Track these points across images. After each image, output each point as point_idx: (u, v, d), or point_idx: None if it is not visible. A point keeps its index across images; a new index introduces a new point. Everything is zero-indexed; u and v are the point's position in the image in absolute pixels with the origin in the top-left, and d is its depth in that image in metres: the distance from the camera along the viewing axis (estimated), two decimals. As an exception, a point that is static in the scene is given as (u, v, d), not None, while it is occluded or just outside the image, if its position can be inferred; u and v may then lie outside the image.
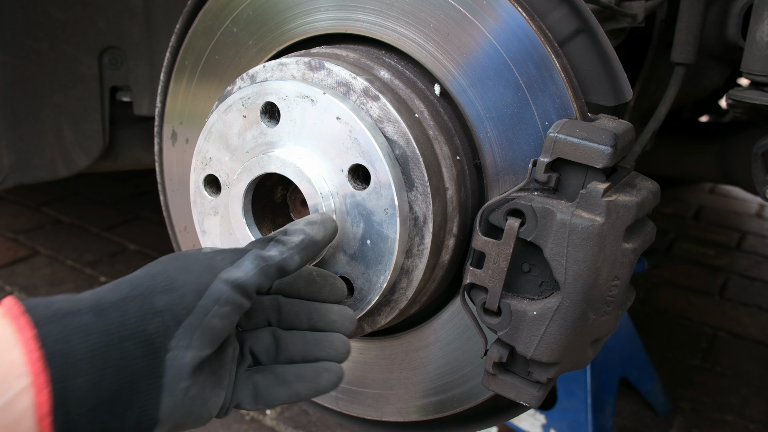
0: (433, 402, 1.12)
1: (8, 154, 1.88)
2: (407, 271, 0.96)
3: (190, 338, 0.77)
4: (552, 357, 0.88)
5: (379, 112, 0.93)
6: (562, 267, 0.85)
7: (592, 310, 0.87)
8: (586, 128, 0.86)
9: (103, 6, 1.90)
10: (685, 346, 2.79)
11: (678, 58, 1.39)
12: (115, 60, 1.98)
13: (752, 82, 1.26)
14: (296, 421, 2.33)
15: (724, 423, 2.38)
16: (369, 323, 1.02)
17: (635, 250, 0.88)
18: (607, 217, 0.83)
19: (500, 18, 0.93)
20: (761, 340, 2.86)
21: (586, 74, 0.95)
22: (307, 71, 0.97)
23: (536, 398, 0.93)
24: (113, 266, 3.23)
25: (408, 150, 0.92)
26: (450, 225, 0.97)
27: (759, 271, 3.43)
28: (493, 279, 0.90)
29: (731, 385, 2.57)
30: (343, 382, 1.20)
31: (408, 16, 0.98)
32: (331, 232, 0.88)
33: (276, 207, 1.06)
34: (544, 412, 2.11)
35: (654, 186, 0.94)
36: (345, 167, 0.92)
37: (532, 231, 0.87)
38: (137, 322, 0.76)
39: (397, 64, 1.01)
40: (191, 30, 1.18)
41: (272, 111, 0.96)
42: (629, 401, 2.42)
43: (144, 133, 2.15)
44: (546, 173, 0.87)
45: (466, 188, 1.00)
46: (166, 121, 1.27)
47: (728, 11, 1.49)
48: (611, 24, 1.31)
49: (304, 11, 1.06)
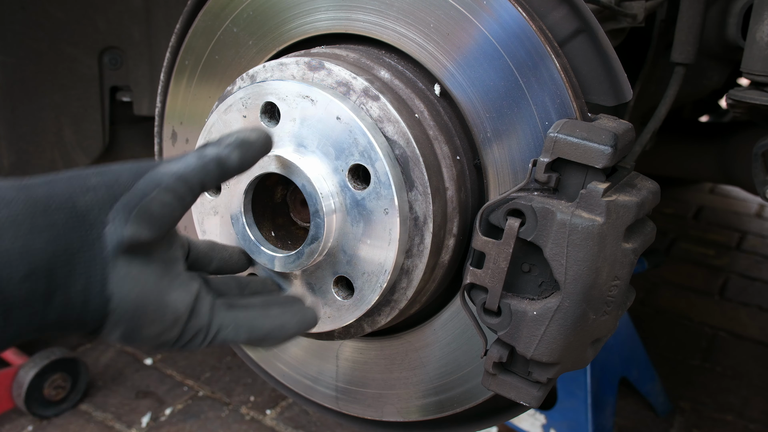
0: (433, 402, 1.12)
1: (8, 154, 1.88)
2: (407, 271, 0.96)
3: (127, 216, 0.73)
4: (552, 357, 0.88)
5: (379, 112, 0.93)
6: (562, 267, 0.85)
7: (592, 310, 0.87)
8: (586, 128, 0.86)
9: (103, 6, 1.90)
10: (685, 346, 2.79)
11: (678, 58, 1.39)
12: (115, 60, 1.98)
13: (752, 82, 1.26)
14: (296, 421, 2.33)
15: (724, 423, 2.38)
16: (369, 323, 1.02)
17: (635, 250, 0.88)
18: (607, 217, 0.83)
19: (500, 18, 0.93)
20: (761, 340, 2.86)
21: (586, 74, 0.95)
22: (307, 71, 0.97)
23: (536, 398, 0.93)
24: (113, 266, 3.23)
25: (408, 150, 0.92)
26: (450, 225, 0.97)
27: (759, 271, 3.43)
28: (493, 279, 0.90)
29: (731, 385, 2.57)
30: (343, 382, 1.21)
31: (408, 16, 0.98)
32: (264, 137, 0.83)
33: (276, 207, 1.06)
34: (544, 412, 2.11)
35: (654, 186, 0.94)
36: (345, 167, 0.92)
37: (532, 231, 0.87)
38: (66, 197, 0.71)
39: (397, 64, 1.01)
40: (191, 30, 1.18)
41: (272, 111, 0.96)
42: (629, 401, 2.42)
43: (144, 133, 2.16)
44: (546, 173, 0.87)
45: (466, 188, 1.00)
46: (166, 121, 1.27)
47: (728, 11, 1.49)
48: (611, 24, 1.31)
49: (304, 11, 1.06)
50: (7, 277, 0.66)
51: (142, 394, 2.44)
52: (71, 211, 0.71)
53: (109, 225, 0.72)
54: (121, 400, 2.40)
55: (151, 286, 0.75)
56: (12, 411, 2.31)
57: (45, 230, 0.69)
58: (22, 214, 0.69)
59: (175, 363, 2.61)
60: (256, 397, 2.43)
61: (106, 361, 2.60)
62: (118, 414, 2.33)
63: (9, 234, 0.67)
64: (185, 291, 0.79)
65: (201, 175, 0.78)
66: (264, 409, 2.38)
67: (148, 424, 2.29)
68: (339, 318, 0.98)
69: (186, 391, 2.46)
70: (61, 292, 0.70)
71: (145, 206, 0.74)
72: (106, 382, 2.49)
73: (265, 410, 2.37)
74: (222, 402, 2.41)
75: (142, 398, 2.42)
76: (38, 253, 0.68)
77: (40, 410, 2.27)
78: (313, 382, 1.24)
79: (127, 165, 0.77)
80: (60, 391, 2.30)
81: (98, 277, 0.72)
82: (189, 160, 0.78)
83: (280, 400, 2.42)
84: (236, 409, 2.38)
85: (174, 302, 0.77)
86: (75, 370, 2.35)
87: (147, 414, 2.33)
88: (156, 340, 0.77)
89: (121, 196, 0.74)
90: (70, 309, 0.71)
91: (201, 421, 2.31)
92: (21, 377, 2.23)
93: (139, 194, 0.74)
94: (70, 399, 2.34)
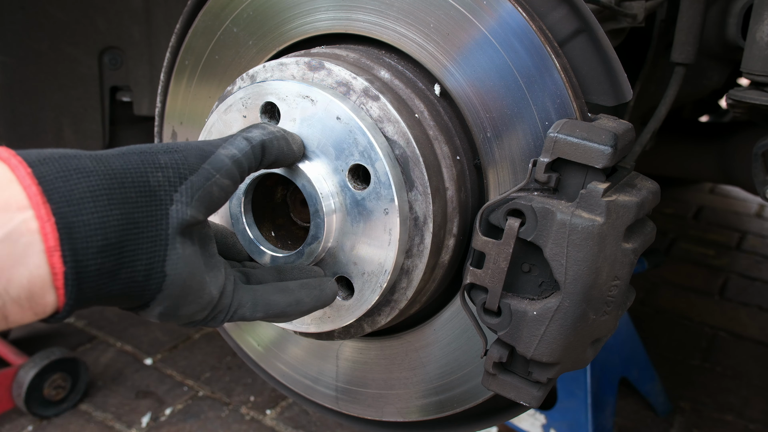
0: (433, 402, 1.12)
1: (8, 154, 1.88)
2: (407, 271, 0.96)
3: (191, 197, 0.75)
4: (552, 357, 0.88)
5: (379, 112, 0.93)
6: (562, 267, 0.85)
7: (592, 310, 0.87)
8: (586, 128, 0.86)
9: (103, 6, 1.90)
10: (685, 346, 2.79)
11: (678, 58, 1.39)
12: (115, 60, 1.98)
13: (752, 82, 1.26)
14: (296, 421, 2.33)
15: (724, 423, 2.38)
16: (369, 323, 1.02)
17: (635, 250, 0.88)
18: (607, 217, 0.83)
19: (500, 18, 0.93)
20: (761, 340, 2.86)
21: (586, 74, 0.95)
22: (307, 71, 0.97)
23: (536, 398, 0.93)
24: (113, 266, 3.23)
25: (408, 150, 0.92)
26: (450, 225, 0.97)
27: (759, 271, 3.43)
28: (493, 279, 0.90)
29: (731, 385, 2.57)
30: (343, 382, 1.21)
31: (408, 16, 0.98)
32: (299, 141, 0.90)
33: (276, 207, 1.06)
34: (544, 412, 2.11)
35: (654, 186, 0.94)
36: (345, 167, 0.92)
37: (532, 231, 0.87)
38: (139, 172, 0.73)
39: (397, 64, 1.01)
40: (191, 30, 1.18)
41: (272, 111, 0.96)
42: (629, 401, 2.42)
43: (144, 133, 2.16)
44: (546, 173, 0.87)
45: (466, 188, 1.00)
46: (166, 121, 1.27)
47: (728, 11, 1.49)
48: (611, 24, 1.31)
49: (304, 11, 1.06)
50: (85, 248, 0.67)
51: (142, 394, 2.44)
52: (144, 187, 0.73)
53: (174, 204, 0.74)
54: (121, 400, 2.40)
55: (199, 267, 0.77)
56: (12, 411, 2.31)
57: (120, 204, 0.70)
58: (101, 186, 0.69)
59: (175, 363, 2.61)
60: (256, 397, 2.43)
61: (106, 361, 2.60)
62: (118, 414, 2.33)
63: (89, 206, 0.67)
64: (219, 272, 0.81)
65: (251, 159, 0.82)
66: (264, 409, 2.38)
67: (148, 424, 2.29)
68: (339, 318, 0.98)
69: (186, 391, 2.46)
70: (127, 267, 0.71)
71: (208, 189, 0.77)
72: (106, 382, 2.49)
73: (265, 410, 2.37)
74: (222, 402, 2.41)
75: (142, 398, 2.42)
76: (113, 227, 0.69)
77: (40, 410, 2.27)
78: (313, 382, 1.25)
79: (193, 145, 0.79)
80: (60, 391, 2.30)
81: (160, 256, 0.73)
82: (240, 144, 0.81)
83: (280, 400, 2.42)
84: (236, 409, 2.38)
85: (210, 284, 0.79)
86: (75, 370, 2.35)
87: (147, 414, 2.33)
88: (189, 318, 0.79)
89: (188, 178, 0.76)
90: (133, 284, 0.72)
91: (201, 421, 2.31)
92: (21, 377, 2.23)
93: (204, 176, 0.77)
94: (70, 399, 2.34)
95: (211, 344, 2.73)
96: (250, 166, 0.82)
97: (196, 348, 2.71)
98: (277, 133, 0.87)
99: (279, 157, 0.87)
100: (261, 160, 0.84)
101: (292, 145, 0.89)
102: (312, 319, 1.01)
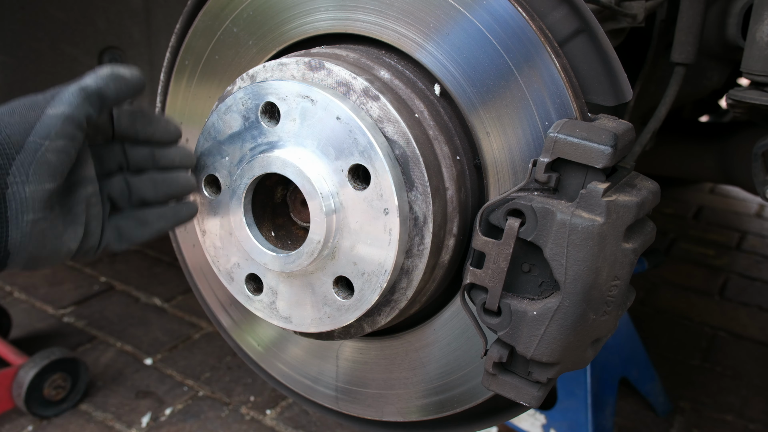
0: (433, 402, 1.12)
1: (8, 154, 1.88)
2: (407, 271, 0.96)
3: (26, 174, 0.79)
4: (552, 357, 0.88)
5: (379, 112, 0.93)
6: (562, 267, 0.85)
7: (592, 310, 0.87)
8: (586, 128, 0.86)
9: (103, 6, 1.90)
10: (685, 346, 2.79)
11: (678, 58, 1.39)
12: (115, 60, 1.98)
13: (752, 82, 1.26)
14: (296, 421, 2.33)
15: (724, 423, 2.38)
16: (369, 323, 1.02)
17: (635, 250, 0.88)
18: (607, 217, 0.83)
19: (500, 18, 0.93)
20: (761, 340, 2.86)
21: (586, 74, 0.95)
22: (307, 71, 0.97)
23: (536, 398, 0.93)
24: (113, 266, 3.23)
25: (408, 150, 0.92)
26: (450, 225, 0.97)
27: (759, 271, 3.43)
28: (493, 279, 0.90)
29: (731, 385, 2.57)
30: (343, 382, 1.21)
31: (408, 16, 0.98)
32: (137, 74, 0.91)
33: (276, 207, 1.06)
34: (544, 412, 2.11)
35: (654, 186, 0.94)
36: (345, 167, 0.92)
37: (532, 231, 0.87)
38: None
39: (397, 64, 1.01)
40: (191, 30, 1.18)
41: (272, 111, 0.97)
42: (629, 401, 2.42)
43: (144, 133, 2.15)
44: (546, 173, 0.87)
45: (466, 188, 1.00)
46: (166, 121, 1.26)
47: (728, 11, 1.49)
48: (611, 24, 1.31)
49: (304, 11, 1.06)
50: None
51: (142, 394, 2.44)
52: None
53: (10, 188, 0.78)
54: (121, 400, 2.40)
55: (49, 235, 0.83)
56: (12, 411, 2.31)
57: None
58: None
59: (175, 363, 2.61)
60: (256, 397, 2.43)
61: (106, 361, 2.60)
62: (118, 414, 2.33)
63: None
64: (79, 225, 0.87)
65: (86, 110, 0.84)
66: (264, 409, 2.38)
67: (148, 424, 2.29)
68: (339, 318, 0.98)
69: (186, 391, 2.46)
70: None
71: (41, 160, 0.80)
72: (106, 382, 2.49)
73: (265, 410, 2.37)
74: (222, 402, 2.41)
75: (142, 398, 2.42)
76: None
77: (40, 410, 2.27)
78: (313, 382, 1.25)
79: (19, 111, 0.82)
80: (60, 391, 2.30)
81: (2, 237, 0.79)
82: (72, 99, 0.83)
83: (280, 400, 2.42)
84: (236, 409, 2.38)
85: (68, 242, 0.86)
86: (75, 370, 2.34)
87: (147, 414, 2.33)
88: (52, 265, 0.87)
89: (15, 158, 0.79)
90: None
91: (201, 421, 2.31)
92: (21, 377, 2.23)
93: (32, 150, 0.80)
94: (70, 399, 2.34)
95: (211, 344, 2.73)
96: (88, 114, 0.84)
97: (196, 348, 2.71)
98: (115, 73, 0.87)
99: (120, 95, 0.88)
100: (101, 106, 0.86)
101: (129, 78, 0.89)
102: (312, 320, 1.01)
